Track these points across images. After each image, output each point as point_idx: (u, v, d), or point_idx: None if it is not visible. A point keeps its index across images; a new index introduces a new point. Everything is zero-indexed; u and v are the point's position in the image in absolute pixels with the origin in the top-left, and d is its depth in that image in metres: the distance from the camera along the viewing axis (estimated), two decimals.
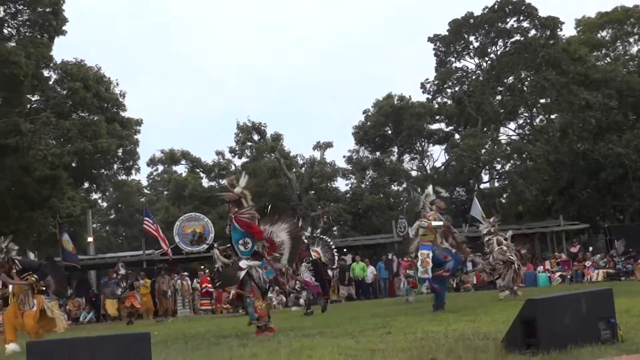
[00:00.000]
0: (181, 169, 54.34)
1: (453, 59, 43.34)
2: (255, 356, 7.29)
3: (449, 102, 45.53)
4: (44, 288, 12.19)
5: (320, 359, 6.52)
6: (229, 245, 11.09)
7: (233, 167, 51.70)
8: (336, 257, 19.48)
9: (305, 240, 17.53)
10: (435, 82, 44.13)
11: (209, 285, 25.89)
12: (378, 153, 48.73)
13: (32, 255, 14.26)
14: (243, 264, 10.54)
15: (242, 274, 10.50)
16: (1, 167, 29.86)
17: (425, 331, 8.40)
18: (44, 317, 12.25)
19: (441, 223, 13.80)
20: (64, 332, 12.03)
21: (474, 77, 43.22)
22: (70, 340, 6.04)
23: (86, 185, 41.13)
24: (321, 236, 19.78)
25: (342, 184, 49.87)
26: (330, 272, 20.13)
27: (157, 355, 6.82)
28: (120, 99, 37.76)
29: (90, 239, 36.00)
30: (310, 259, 17.31)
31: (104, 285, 25.18)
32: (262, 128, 48.51)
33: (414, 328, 8.91)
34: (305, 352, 7.17)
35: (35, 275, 11.91)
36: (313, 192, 47.38)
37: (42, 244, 37.97)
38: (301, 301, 18.70)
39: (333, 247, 19.13)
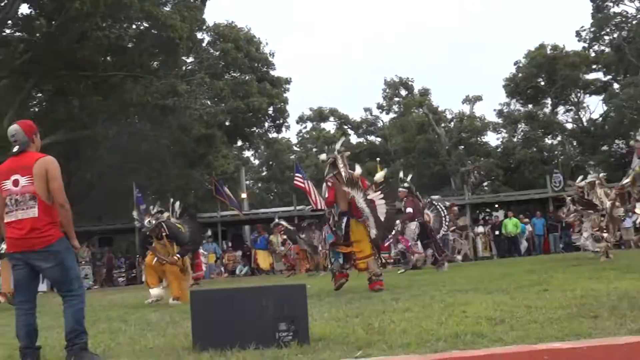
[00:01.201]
0: (330, 126, 54.97)
1: (611, 4, 41.02)
2: (408, 310, 7.31)
3: (607, 50, 43.24)
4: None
5: (474, 315, 6.44)
6: None
7: (381, 123, 51.78)
8: (445, 226, 19.16)
9: (421, 202, 17.65)
10: (592, 30, 42.08)
11: None
12: (530, 106, 47.15)
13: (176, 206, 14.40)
14: None
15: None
16: (161, 127, 31.28)
17: (585, 289, 8.07)
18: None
19: None
20: (223, 283, 12.48)
21: (634, 22, 40.70)
22: (231, 290, 6.30)
23: (239, 143, 42.40)
24: (437, 203, 19.58)
25: (492, 138, 48.98)
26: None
27: (312, 306, 6.99)
28: (270, 58, 38.50)
29: (243, 195, 37.20)
30: (421, 219, 17.35)
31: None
32: (410, 83, 48.22)
33: (573, 285, 8.59)
34: (459, 308, 7.11)
35: (178, 254, 12.28)
36: (462, 147, 46.70)
37: (200, 200, 39.68)
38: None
39: (445, 216, 18.91)
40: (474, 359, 4.46)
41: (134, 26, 30.04)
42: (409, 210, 17.18)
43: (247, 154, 52.07)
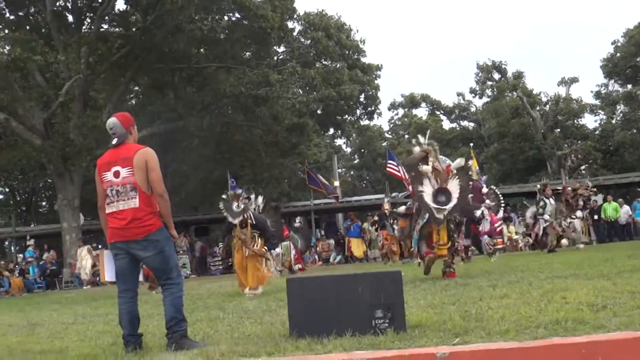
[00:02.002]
0: (421, 111, 54.53)
1: None
2: (506, 297, 7.18)
3: None
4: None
5: (575, 301, 6.27)
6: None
7: (474, 108, 51.03)
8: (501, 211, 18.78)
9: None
10: None
11: None
12: (629, 86, 45.43)
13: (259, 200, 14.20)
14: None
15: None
16: (254, 116, 31.69)
17: None
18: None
19: None
20: (317, 271, 12.52)
21: None
22: (327, 277, 6.30)
23: (331, 131, 42.55)
24: (493, 188, 19.14)
25: (590, 121, 47.67)
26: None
27: (407, 294, 6.94)
28: (361, 45, 38.43)
29: (336, 184, 37.37)
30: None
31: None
32: (503, 66, 47.30)
33: None
34: (558, 294, 6.93)
35: (265, 246, 12.38)
36: (558, 130, 45.46)
37: (293, 189, 40.07)
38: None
39: (502, 200, 18.48)
40: (576, 346, 4.35)
41: (226, 17, 30.53)
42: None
43: (339, 142, 52.28)
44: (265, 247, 12.41)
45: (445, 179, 10.89)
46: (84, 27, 28.80)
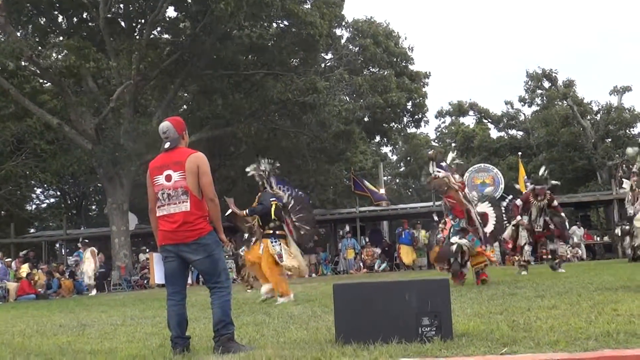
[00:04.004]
0: (469, 120, 54.13)
1: None
2: (554, 308, 7.11)
3: None
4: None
5: (627, 313, 6.17)
6: None
7: (522, 117, 50.49)
8: None
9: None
10: None
11: None
12: None
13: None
14: (454, 239, 12.12)
15: (454, 248, 12.09)
16: (301, 123, 31.78)
17: None
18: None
19: None
20: (362, 278, 12.41)
21: None
22: (373, 284, 6.32)
23: (377, 139, 42.46)
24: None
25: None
26: None
27: (454, 302, 6.90)
28: (409, 53, 38.29)
29: (382, 191, 37.32)
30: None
31: None
32: (553, 74, 46.64)
33: None
34: (609, 306, 6.84)
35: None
36: (610, 140, 44.67)
37: (338, 196, 40.10)
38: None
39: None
40: (627, 358, 4.29)
41: (274, 25, 30.70)
42: (556, 203, 16.53)
43: (385, 149, 52.13)
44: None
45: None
46: (135, 34, 29.24)
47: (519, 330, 5.58)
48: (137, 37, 28.71)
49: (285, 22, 30.45)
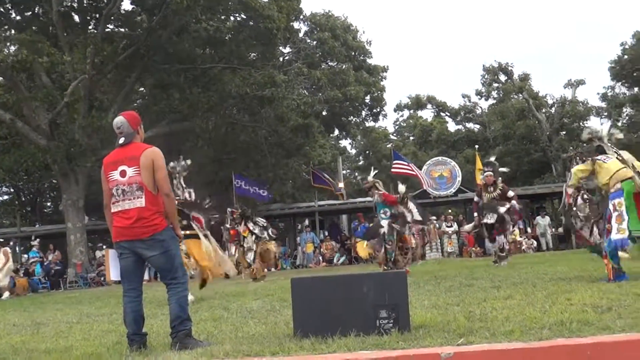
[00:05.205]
0: (427, 113, 54.48)
1: None
2: (510, 298, 7.20)
3: None
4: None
5: (580, 302, 6.28)
6: None
7: (479, 110, 50.97)
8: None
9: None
10: None
11: None
12: (636, 89, 45.34)
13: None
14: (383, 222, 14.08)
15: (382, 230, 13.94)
16: (259, 117, 31.68)
17: None
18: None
19: None
20: (321, 272, 12.40)
21: None
22: (331, 277, 6.32)
23: (336, 132, 42.54)
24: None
25: (596, 123, 47.30)
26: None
27: (411, 294, 6.94)
28: (367, 47, 38.42)
29: (341, 185, 37.40)
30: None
31: None
32: (509, 68, 47.20)
33: None
34: (563, 295, 6.95)
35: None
36: (564, 132, 45.37)
37: (297, 190, 40.07)
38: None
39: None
40: (580, 347, 4.36)
41: (231, 18, 30.54)
42: (512, 193, 16.20)
43: (344, 143, 52.25)
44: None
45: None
46: (89, 28, 28.83)
47: (475, 321, 5.63)
48: (92, 30, 28.31)
49: (243, 16, 30.33)
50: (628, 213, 8.31)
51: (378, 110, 40.05)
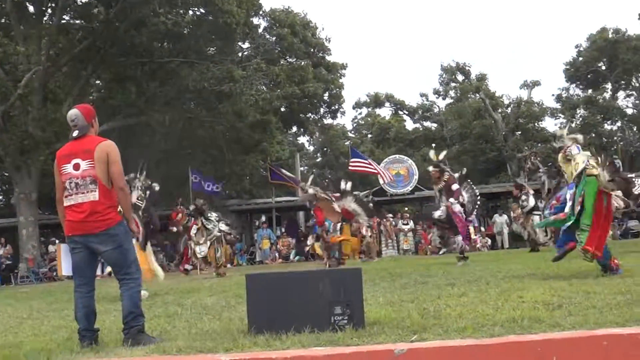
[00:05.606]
0: (385, 111, 54.70)
1: None
2: (464, 295, 7.27)
3: None
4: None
5: (531, 300, 6.37)
6: None
7: (437, 109, 51.34)
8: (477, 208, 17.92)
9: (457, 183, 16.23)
10: None
11: None
12: (590, 90, 46.20)
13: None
14: None
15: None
16: (217, 113, 31.49)
17: None
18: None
19: None
20: (277, 268, 12.39)
21: None
22: (287, 274, 6.31)
23: (294, 129, 42.52)
24: (472, 185, 18.00)
25: (550, 124, 48.03)
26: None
27: (367, 291, 6.97)
28: (326, 44, 38.48)
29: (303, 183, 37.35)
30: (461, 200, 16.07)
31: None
32: (467, 68, 47.66)
33: (632, 271, 8.48)
34: (515, 293, 7.05)
35: None
36: (519, 132, 45.99)
37: (255, 186, 39.95)
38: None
39: (478, 199, 17.51)
40: (531, 344, 4.42)
41: (190, 12, 30.28)
42: (455, 186, 15.99)
43: (302, 140, 52.25)
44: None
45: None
46: (44, 19, 28.33)
47: (429, 318, 5.67)
48: (47, 22, 27.85)
49: (202, 10, 30.10)
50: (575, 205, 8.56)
51: (336, 107, 40.19)
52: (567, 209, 8.72)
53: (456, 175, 16.32)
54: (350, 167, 28.22)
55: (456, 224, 15.15)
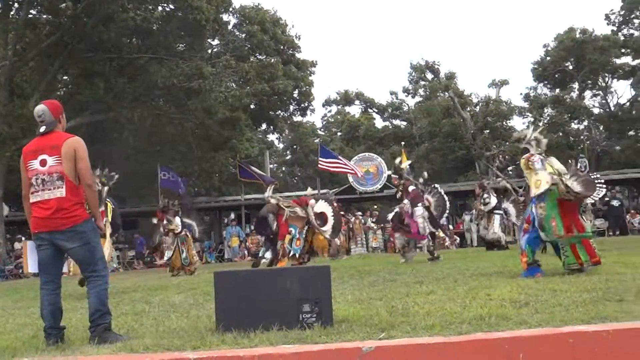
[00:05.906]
0: (355, 109, 54.81)
1: None
2: (432, 293, 7.31)
3: (636, 33, 42.71)
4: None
5: (499, 298, 6.43)
6: None
7: (406, 107, 51.54)
8: (447, 211, 18.02)
9: (421, 187, 16.39)
10: (622, 13, 41.64)
11: None
12: (557, 90, 46.70)
13: None
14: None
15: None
16: (186, 109, 31.35)
17: (610, 273, 8.08)
18: None
19: None
20: (246, 266, 12.40)
21: None
22: (255, 271, 6.31)
23: (263, 126, 42.43)
24: (438, 188, 18.06)
25: (518, 123, 48.48)
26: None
27: (335, 289, 6.98)
28: (296, 41, 38.41)
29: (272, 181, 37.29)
30: (426, 204, 16.21)
31: None
32: (436, 67, 47.88)
33: (598, 269, 8.59)
34: (483, 291, 7.10)
35: None
36: (488, 131, 46.34)
37: (224, 183, 39.83)
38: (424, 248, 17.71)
39: (447, 201, 17.61)
40: (498, 341, 4.45)
41: (159, 8, 30.08)
42: (412, 187, 16.07)
43: (272, 137, 52.18)
44: None
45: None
46: (11, 13, 27.96)
47: (397, 316, 5.69)
48: (14, 16, 27.49)
49: (171, 6, 29.93)
50: (549, 218, 8.65)
51: (306, 105, 40.13)
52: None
53: (420, 180, 16.63)
54: (319, 165, 28.22)
55: (409, 226, 15.33)
